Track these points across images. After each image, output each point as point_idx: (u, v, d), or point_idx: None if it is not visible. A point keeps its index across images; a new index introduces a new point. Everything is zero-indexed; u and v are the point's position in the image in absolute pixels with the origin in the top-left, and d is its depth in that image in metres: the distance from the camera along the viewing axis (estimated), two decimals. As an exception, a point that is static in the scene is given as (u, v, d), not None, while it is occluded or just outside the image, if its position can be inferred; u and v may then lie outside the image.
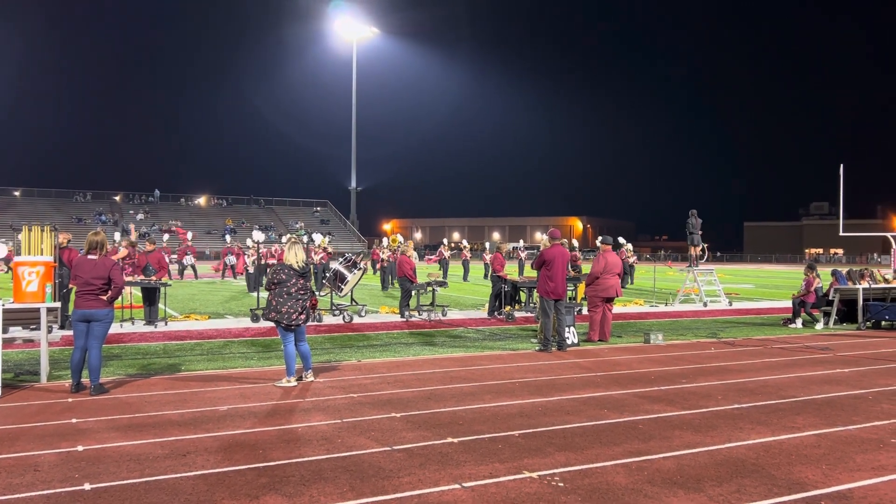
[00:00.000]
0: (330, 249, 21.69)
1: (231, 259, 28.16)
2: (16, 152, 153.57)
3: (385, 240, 27.93)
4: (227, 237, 37.38)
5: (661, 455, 5.22)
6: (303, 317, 7.74)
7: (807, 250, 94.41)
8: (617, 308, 16.80)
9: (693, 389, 7.65)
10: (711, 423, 6.18)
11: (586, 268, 16.95)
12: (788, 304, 17.12)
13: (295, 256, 7.83)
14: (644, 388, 7.71)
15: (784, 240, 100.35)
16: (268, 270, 8.08)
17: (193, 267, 28.72)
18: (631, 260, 26.71)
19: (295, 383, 7.68)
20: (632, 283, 26.07)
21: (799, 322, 14.14)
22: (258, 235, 26.11)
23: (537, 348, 10.43)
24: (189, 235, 33.65)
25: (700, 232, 18.75)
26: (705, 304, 18.30)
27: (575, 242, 23.64)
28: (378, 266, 27.80)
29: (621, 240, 27.43)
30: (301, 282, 7.78)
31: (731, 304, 18.84)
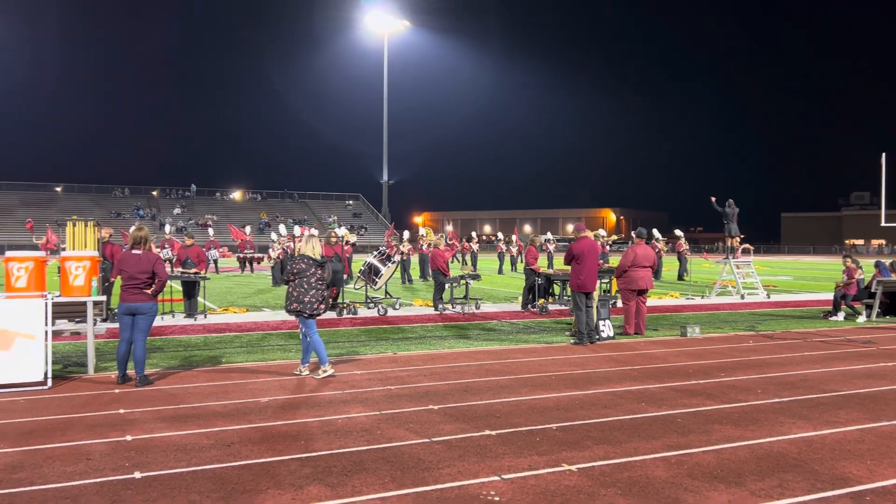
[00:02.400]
0: (353, 240, 21.72)
1: (214, 253, 27.37)
2: (57, 149, 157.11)
3: (406, 233, 27.95)
4: (210, 231, 37.60)
5: (701, 449, 5.20)
6: (323, 306, 7.93)
7: (847, 241, 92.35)
8: (652, 301, 16.69)
9: (732, 383, 7.58)
10: (752, 418, 6.13)
11: (614, 260, 16.82)
12: (828, 296, 16.83)
13: (312, 249, 8.00)
14: (682, 381, 7.67)
15: (823, 231, 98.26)
16: (286, 262, 8.28)
17: (216, 261, 28.97)
18: (664, 251, 26.46)
19: (332, 371, 7.82)
20: (658, 278, 25.62)
21: (841, 315, 13.88)
22: (283, 230, 26.46)
23: (572, 342, 10.44)
24: (247, 230, 34.14)
25: (736, 223, 18.47)
26: (742, 297, 18.06)
27: (602, 232, 23.47)
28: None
29: (655, 232, 27.21)
30: (319, 272, 7.95)
31: (769, 297, 18.56)
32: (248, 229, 34.68)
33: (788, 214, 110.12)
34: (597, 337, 10.64)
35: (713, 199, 18.53)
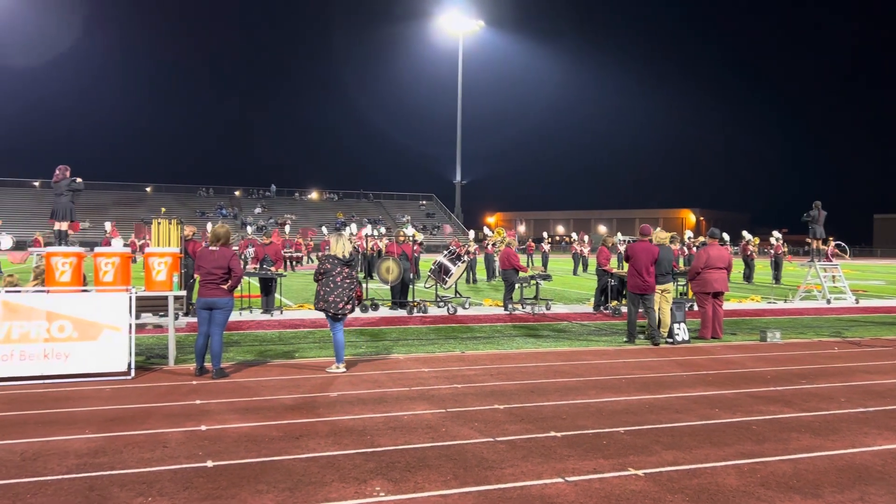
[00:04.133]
0: (420, 239, 21.81)
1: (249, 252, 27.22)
2: (148, 152, 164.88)
3: (471, 233, 27.88)
4: (249, 228, 38.40)
5: (777, 458, 5.00)
6: (349, 307, 8.06)
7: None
8: (731, 304, 16.15)
9: (813, 391, 7.25)
10: (833, 427, 5.84)
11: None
12: (924, 302, 15.88)
13: (343, 248, 8.16)
14: (759, 387, 7.38)
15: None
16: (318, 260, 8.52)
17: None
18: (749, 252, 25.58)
19: (344, 369, 7.98)
20: (750, 281, 24.73)
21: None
22: (354, 228, 27.02)
23: (623, 340, 10.63)
24: (286, 229, 35.12)
25: (822, 226, 17.68)
26: (829, 302, 17.25)
27: (690, 234, 22.88)
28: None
29: (745, 233, 26.38)
30: (346, 271, 8.11)
31: (857, 302, 17.66)
32: (286, 229, 35.49)
33: (881, 216, 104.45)
34: (669, 340, 10.41)
35: (804, 216, 17.98)
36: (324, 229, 35.80)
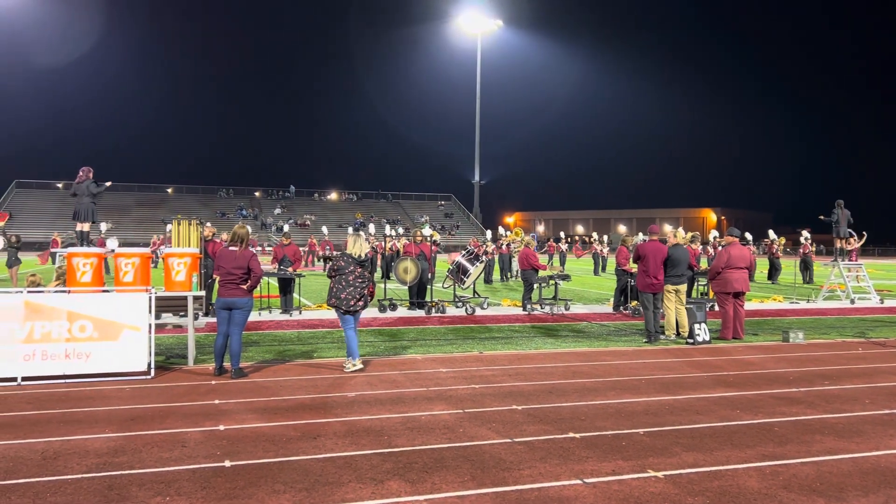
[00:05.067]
0: (437, 239, 21.77)
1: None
2: (169, 153, 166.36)
3: (489, 233, 27.80)
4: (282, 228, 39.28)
5: (799, 460, 4.92)
6: (360, 303, 8.16)
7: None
8: (753, 304, 15.97)
9: (836, 392, 7.14)
10: (857, 429, 5.74)
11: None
12: (951, 302, 15.59)
13: (360, 248, 8.27)
14: (781, 388, 7.28)
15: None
16: (330, 259, 8.63)
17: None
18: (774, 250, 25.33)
19: (361, 366, 8.04)
20: (774, 281, 24.45)
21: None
22: (372, 229, 27.13)
23: (644, 340, 10.57)
24: (325, 230, 35.46)
25: (846, 225, 17.46)
26: (853, 302, 17.00)
27: (716, 234, 22.68)
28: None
29: (771, 233, 26.13)
30: (359, 270, 8.21)
31: (882, 302, 17.39)
32: (325, 230, 35.99)
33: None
34: (690, 340, 10.32)
35: (822, 217, 17.83)
36: (350, 230, 36.38)
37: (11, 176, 69.46)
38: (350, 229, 37.15)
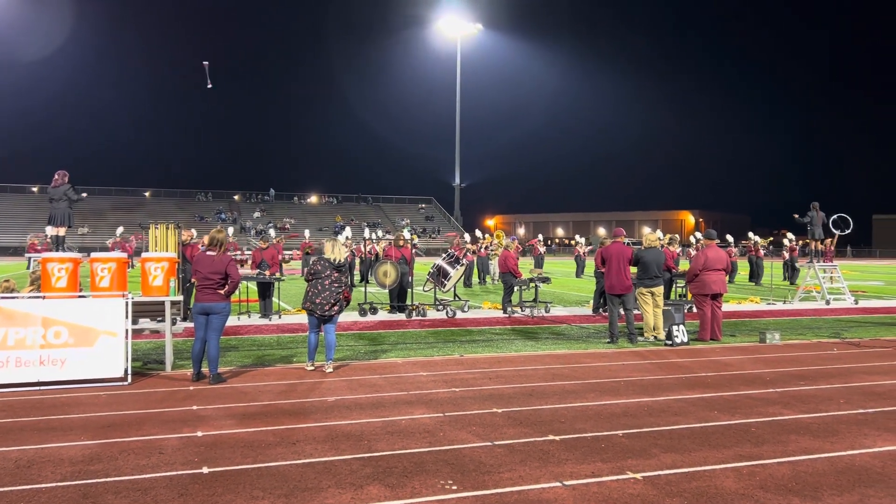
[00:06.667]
0: (416, 241, 21.76)
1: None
2: (146, 156, 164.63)
3: (467, 235, 27.81)
4: (272, 233, 38.46)
5: (775, 460, 4.97)
6: (336, 308, 8.22)
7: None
8: (731, 306, 16.13)
9: (812, 392, 7.23)
10: (832, 429, 5.82)
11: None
12: (923, 302, 15.85)
13: (340, 253, 8.36)
14: (758, 389, 7.36)
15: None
16: (310, 262, 8.64)
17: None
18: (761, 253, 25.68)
19: (312, 368, 8.22)
20: (758, 283, 24.65)
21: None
22: (348, 232, 27.00)
23: (606, 341, 10.72)
24: (307, 234, 35.12)
25: (821, 227, 17.67)
26: (828, 302, 17.24)
27: (699, 236, 22.88)
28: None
29: (751, 234, 26.40)
30: (336, 274, 8.28)
31: (856, 303, 17.65)
32: (307, 233, 35.54)
33: (881, 216, 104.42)
34: (668, 342, 10.41)
35: (795, 216, 17.93)
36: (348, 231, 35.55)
37: (-16, 180, 68.40)
38: (350, 231, 36.62)
